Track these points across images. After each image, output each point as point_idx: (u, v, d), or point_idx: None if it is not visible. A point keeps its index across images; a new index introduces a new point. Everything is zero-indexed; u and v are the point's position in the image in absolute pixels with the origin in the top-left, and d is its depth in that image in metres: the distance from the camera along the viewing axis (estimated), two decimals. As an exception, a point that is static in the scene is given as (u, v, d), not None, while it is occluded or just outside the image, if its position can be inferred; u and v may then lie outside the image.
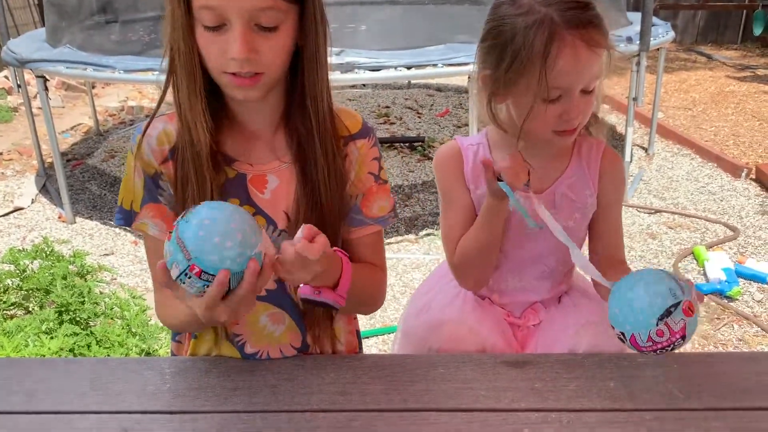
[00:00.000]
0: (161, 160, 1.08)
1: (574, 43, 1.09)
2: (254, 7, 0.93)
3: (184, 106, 1.02)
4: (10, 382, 1.06)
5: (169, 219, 1.09)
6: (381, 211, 1.16)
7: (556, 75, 1.10)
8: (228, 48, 0.94)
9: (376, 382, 1.05)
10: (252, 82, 0.98)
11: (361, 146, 1.13)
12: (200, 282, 0.86)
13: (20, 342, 2.18)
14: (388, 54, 3.44)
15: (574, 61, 1.09)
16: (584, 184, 1.28)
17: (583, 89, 1.13)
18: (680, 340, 0.95)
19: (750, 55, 8.16)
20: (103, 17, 4.44)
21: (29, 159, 5.00)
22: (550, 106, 1.13)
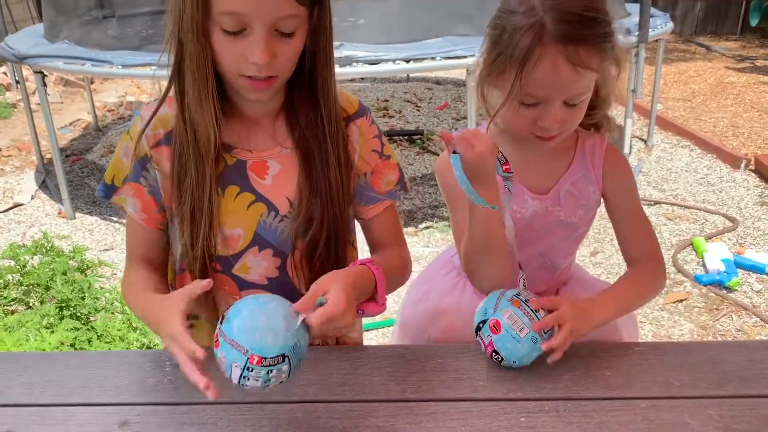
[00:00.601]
0: (153, 144, 1.09)
1: (555, 57, 1.05)
2: (278, 15, 0.95)
3: (193, 106, 1.03)
4: (11, 375, 1.07)
5: (147, 201, 1.12)
6: (389, 186, 1.18)
7: (532, 83, 1.08)
8: (248, 53, 0.96)
9: (375, 373, 1.06)
10: (267, 84, 1.00)
11: (361, 125, 1.15)
12: (264, 370, 0.86)
13: (21, 337, 2.19)
14: (387, 47, 3.44)
15: (552, 75, 1.07)
16: (588, 180, 1.28)
17: (565, 101, 1.10)
18: (495, 352, 1.05)
19: (749, 46, 8.15)
20: (101, 12, 4.43)
21: (28, 155, 5.00)
22: (526, 110, 1.12)
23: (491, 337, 1.04)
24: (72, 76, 6.55)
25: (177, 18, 0.98)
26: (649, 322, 2.73)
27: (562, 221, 1.28)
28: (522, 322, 1.03)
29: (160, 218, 1.12)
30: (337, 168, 1.10)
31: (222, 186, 1.09)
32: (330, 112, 1.09)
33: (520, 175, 1.26)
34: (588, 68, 1.07)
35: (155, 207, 1.12)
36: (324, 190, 1.09)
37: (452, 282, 1.42)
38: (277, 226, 1.11)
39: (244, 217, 1.10)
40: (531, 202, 1.26)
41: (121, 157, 1.12)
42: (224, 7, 0.94)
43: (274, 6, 0.94)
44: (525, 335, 1.02)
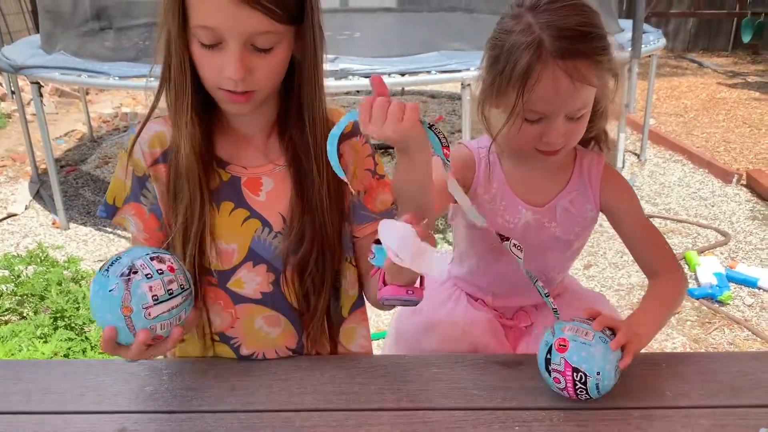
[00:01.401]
0: (151, 162, 1.10)
1: (555, 72, 1.07)
2: (252, 31, 0.95)
3: (174, 115, 1.05)
4: (9, 382, 1.08)
5: (147, 221, 1.12)
6: (384, 205, 1.17)
7: (534, 100, 1.10)
8: (224, 67, 0.96)
9: (371, 382, 1.07)
10: (245, 98, 1.01)
11: (355, 144, 1.15)
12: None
13: (14, 347, 2.18)
14: (382, 61, 3.47)
15: (553, 90, 1.09)
16: (585, 198, 1.29)
17: (567, 116, 1.12)
18: (575, 372, 0.97)
19: (741, 62, 8.23)
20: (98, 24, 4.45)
21: (23, 165, 5.00)
22: (530, 126, 1.14)
23: (563, 357, 0.97)
24: (68, 87, 6.56)
25: (162, 31, 1.00)
26: (642, 335, 2.74)
27: (558, 237, 1.30)
28: (584, 328, 0.99)
29: (162, 236, 1.12)
30: (329, 186, 1.09)
31: (217, 202, 1.09)
32: (317, 130, 1.07)
33: (517, 188, 1.28)
34: (587, 82, 1.09)
35: (156, 225, 1.12)
36: (316, 208, 1.09)
37: (447, 293, 1.44)
38: (271, 242, 1.11)
39: (239, 232, 1.11)
40: (524, 213, 1.27)
41: (120, 176, 1.12)
42: (199, 21, 0.95)
43: (247, 22, 0.93)
44: (593, 337, 0.98)
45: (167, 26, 0.98)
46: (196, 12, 0.95)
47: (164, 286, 0.93)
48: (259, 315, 1.14)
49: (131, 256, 0.94)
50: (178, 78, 1.01)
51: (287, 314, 1.15)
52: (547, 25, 1.08)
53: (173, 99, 1.03)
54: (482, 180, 1.28)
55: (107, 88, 5.26)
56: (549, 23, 1.08)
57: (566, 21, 1.08)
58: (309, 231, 1.09)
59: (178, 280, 0.95)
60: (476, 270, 1.39)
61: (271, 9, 0.93)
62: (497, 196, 1.28)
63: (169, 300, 0.93)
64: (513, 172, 1.28)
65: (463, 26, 4.28)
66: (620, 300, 3.01)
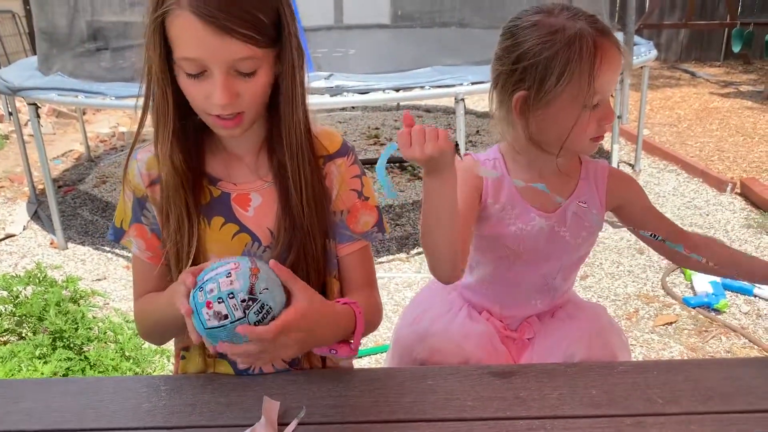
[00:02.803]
0: (148, 183, 1.14)
1: (611, 49, 1.17)
2: (233, 58, 0.97)
3: (156, 143, 1.09)
4: (10, 401, 1.09)
5: (149, 240, 1.16)
6: (366, 226, 1.19)
7: (600, 81, 1.17)
8: (210, 94, 0.99)
9: (366, 395, 1.08)
10: (234, 123, 1.04)
11: (341, 164, 1.17)
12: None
13: (14, 367, 2.19)
14: (377, 77, 3.50)
15: (614, 66, 1.18)
16: (592, 203, 1.33)
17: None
18: None
19: (733, 72, 8.30)
20: (94, 45, 4.49)
21: (20, 186, 5.02)
22: (591, 113, 1.19)
23: None
24: (65, 108, 6.59)
25: (145, 63, 1.03)
26: (639, 345, 2.76)
27: (567, 242, 1.33)
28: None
29: (164, 254, 1.15)
30: (310, 203, 1.11)
31: (208, 217, 1.13)
32: (296, 148, 1.09)
33: (530, 195, 1.31)
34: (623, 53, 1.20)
35: (157, 243, 1.16)
36: (300, 225, 1.11)
37: (448, 306, 1.45)
38: (261, 257, 1.14)
39: (230, 247, 1.14)
40: (537, 219, 1.31)
41: (126, 200, 1.16)
42: (181, 53, 0.98)
43: (227, 50, 0.96)
44: None
45: (149, 59, 1.01)
46: (178, 45, 0.98)
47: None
48: None
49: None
50: (161, 108, 1.04)
51: None
52: (576, 18, 1.18)
53: (155, 126, 1.07)
54: (491, 191, 1.31)
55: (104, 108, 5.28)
56: (575, 16, 1.18)
57: (580, 11, 1.20)
58: (295, 246, 1.12)
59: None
60: (487, 279, 1.41)
61: (249, 35, 0.96)
62: (508, 204, 1.31)
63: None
64: (524, 179, 1.31)
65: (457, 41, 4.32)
66: (617, 310, 3.02)
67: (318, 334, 1.03)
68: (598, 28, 1.17)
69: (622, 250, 3.61)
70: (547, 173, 1.30)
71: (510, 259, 1.34)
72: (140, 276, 1.19)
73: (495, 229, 1.32)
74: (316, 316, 1.01)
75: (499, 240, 1.33)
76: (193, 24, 0.94)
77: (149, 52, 1.00)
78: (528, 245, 1.32)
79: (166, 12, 0.96)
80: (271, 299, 0.96)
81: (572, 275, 1.45)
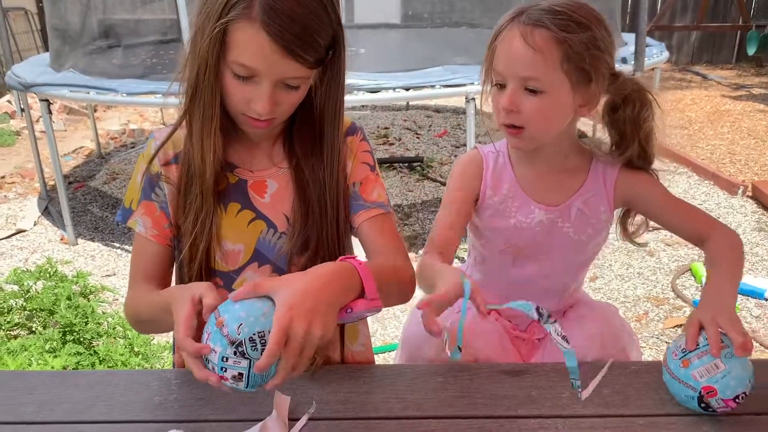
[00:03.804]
0: (164, 162, 1.16)
1: (513, 33, 1.17)
2: (286, 76, 1.01)
3: (196, 136, 1.09)
4: (22, 393, 1.09)
5: (157, 218, 1.16)
6: (379, 198, 1.18)
7: (495, 57, 1.20)
8: (253, 99, 1.02)
9: (377, 391, 1.08)
10: (266, 125, 1.07)
11: (351, 141, 1.19)
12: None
13: (24, 361, 2.20)
14: (387, 76, 3.50)
15: (507, 48, 1.18)
16: (600, 200, 1.32)
17: (526, 86, 1.17)
18: (736, 398, 0.97)
19: (745, 75, 8.25)
20: (106, 42, 4.51)
21: (31, 182, 5.04)
22: (497, 93, 1.22)
23: (720, 398, 0.96)
24: (76, 104, 6.63)
25: (195, 57, 1.03)
26: (649, 347, 2.74)
27: (571, 238, 1.32)
28: (710, 363, 0.97)
29: (170, 234, 1.16)
30: (333, 188, 1.13)
31: (224, 203, 1.14)
32: (333, 160, 1.13)
33: (529, 188, 1.32)
34: (537, 49, 1.15)
35: (165, 222, 1.16)
36: (318, 212, 1.13)
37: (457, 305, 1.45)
38: (276, 243, 1.16)
39: (245, 233, 1.16)
40: (537, 212, 1.31)
41: (138, 179, 1.17)
42: (238, 58, 0.99)
43: (284, 69, 0.99)
44: (725, 365, 0.96)
45: (203, 56, 1.01)
46: (237, 49, 0.99)
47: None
48: None
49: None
50: (208, 105, 1.06)
51: None
52: (534, 6, 1.18)
53: (200, 123, 1.08)
54: (490, 182, 1.33)
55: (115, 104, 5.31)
56: (536, 5, 1.18)
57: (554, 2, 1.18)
58: (314, 234, 1.12)
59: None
60: (490, 274, 1.41)
61: (307, 59, 0.99)
62: (508, 196, 1.32)
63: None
64: (525, 174, 1.33)
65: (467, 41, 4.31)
66: (626, 312, 3.01)
67: (325, 301, 0.90)
68: (527, 13, 1.17)
69: (632, 252, 3.59)
70: (554, 167, 1.31)
71: (512, 253, 1.35)
72: (140, 256, 1.17)
73: (494, 222, 1.33)
74: (306, 292, 0.89)
75: (499, 232, 1.34)
76: (261, 38, 0.96)
77: (204, 50, 1.01)
78: (527, 238, 1.32)
79: (234, 18, 0.97)
80: (251, 327, 0.86)
81: (580, 275, 1.44)
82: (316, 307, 0.88)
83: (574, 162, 1.32)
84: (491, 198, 1.32)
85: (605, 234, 1.37)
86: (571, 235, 1.32)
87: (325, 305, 0.89)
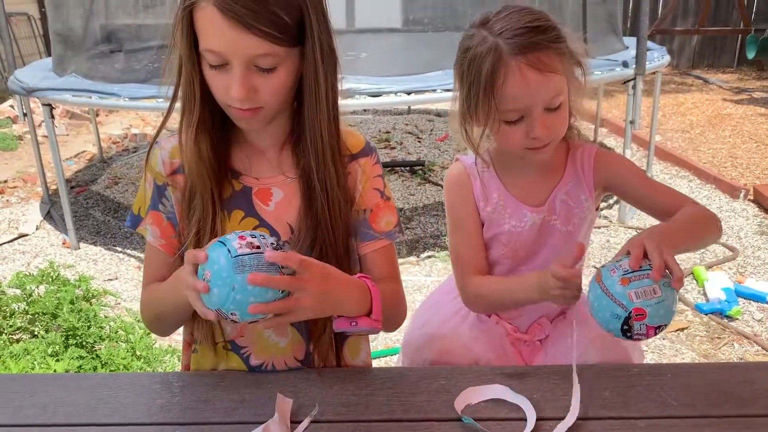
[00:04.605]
0: (170, 172, 1.16)
1: (519, 68, 1.14)
2: (253, 53, 1.00)
3: (184, 133, 1.10)
4: (24, 396, 1.09)
5: (165, 228, 1.17)
6: (388, 226, 1.20)
7: (507, 100, 1.16)
8: (229, 87, 1.02)
9: (379, 393, 1.08)
10: (252, 114, 1.06)
11: (364, 164, 1.19)
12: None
13: (26, 365, 2.20)
14: (388, 80, 3.50)
15: (523, 85, 1.14)
16: (580, 189, 1.33)
17: (546, 107, 1.17)
18: (657, 329, 1.00)
19: (746, 78, 8.25)
20: (108, 46, 4.52)
21: (33, 186, 5.05)
22: (512, 127, 1.19)
23: (645, 324, 0.99)
24: (78, 109, 6.64)
25: (173, 53, 1.06)
26: (651, 351, 2.74)
27: (559, 230, 1.33)
28: (648, 286, 0.99)
29: (177, 244, 1.17)
30: (334, 202, 1.13)
31: (228, 210, 1.14)
32: (321, 148, 1.11)
33: (517, 192, 1.32)
34: (552, 70, 1.15)
35: (172, 232, 1.17)
36: (323, 223, 1.12)
37: (456, 308, 1.45)
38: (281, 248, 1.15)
39: None
40: (529, 216, 1.32)
41: (146, 188, 1.18)
42: (205, 45, 1.01)
43: (246, 46, 0.99)
44: (661, 292, 0.98)
45: (179, 47, 1.04)
46: (203, 36, 1.01)
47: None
48: None
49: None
50: (187, 96, 1.07)
51: (294, 324, 1.18)
52: (500, 31, 1.16)
53: (181, 116, 1.09)
54: (480, 194, 1.33)
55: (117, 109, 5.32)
56: (501, 29, 1.16)
57: (516, 22, 1.16)
58: (317, 244, 1.12)
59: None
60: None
61: (269, 33, 0.98)
62: (499, 204, 1.33)
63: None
64: (509, 178, 1.34)
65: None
66: (628, 315, 3.00)
67: (333, 296, 1.03)
68: (514, 44, 1.14)
69: (634, 255, 3.59)
70: (533, 166, 1.32)
71: (508, 256, 1.35)
72: (151, 265, 1.20)
73: (490, 230, 1.34)
74: (330, 276, 1.02)
75: (495, 239, 1.35)
76: (216, 18, 0.97)
77: (177, 41, 1.03)
78: (523, 240, 1.33)
79: (194, 3, 0.99)
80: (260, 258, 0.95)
81: None
82: (329, 292, 1.01)
83: (553, 157, 1.32)
84: (484, 209, 1.33)
85: (591, 218, 1.37)
86: (559, 228, 1.33)
87: (334, 299, 1.03)
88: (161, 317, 1.19)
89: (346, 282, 1.07)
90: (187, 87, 1.06)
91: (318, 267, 0.99)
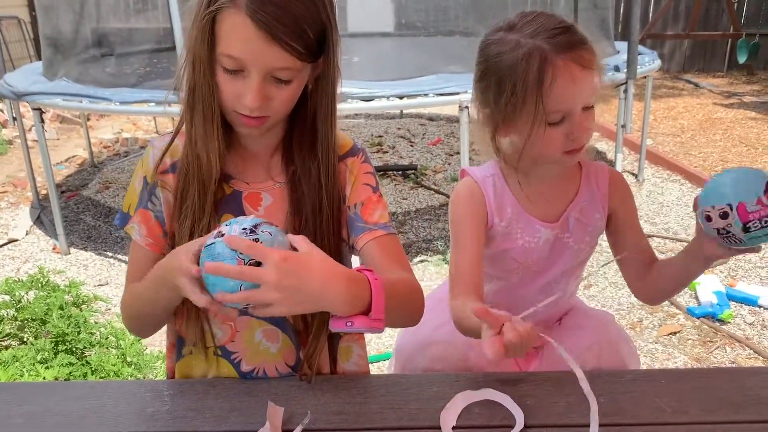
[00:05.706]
0: (161, 171, 1.15)
1: (567, 66, 1.13)
2: (274, 66, 1.00)
3: (198, 136, 1.09)
4: (12, 405, 1.08)
5: (152, 227, 1.16)
6: (382, 218, 1.17)
7: (555, 100, 1.14)
8: (243, 93, 1.01)
9: (372, 401, 1.07)
10: (258, 123, 1.06)
11: (352, 163, 1.19)
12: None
13: (15, 372, 2.18)
14: (381, 84, 3.51)
15: (570, 84, 1.13)
16: (594, 207, 1.32)
17: (584, 106, 1.17)
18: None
19: (736, 83, 8.30)
20: (99, 50, 4.50)
21: (23, 191, 5.02)
22: (554, 129, 1.17)
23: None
24: (69, 113, 6.61)
25: (190, 55, 1.04)
26: (644, 355, 2.74)
27: (571, 247, 1.32)
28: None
29: (164, 243, 1.16)
30: (329, 206, 1.13)
31: (218, 214, 1.13)
32: (327, 161, 1.13)
33: (530, 207, 1.30)
34: (594, 66, 1.15)
35: (160, 232, 1.16)
36: (312, 227, 1.12)
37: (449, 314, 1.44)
38: None
39: None
40: (542, 231, 1.30)
41: (136, 186, 1.17)
42: (226, 49, 1.00)
43: (270, 57, 0.99)
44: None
45: (196, 51, 1.02)
46: (224, 40, 1.00)
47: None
48: (258, 328, 1.17)
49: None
50: (207, 101, 1.05)
51: (285, 329, 1.17)
52: (534, 33, 1.14)
53: (201, 121, 1.07)
54: (494, 208, 1.29)
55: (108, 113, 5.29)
56: (536, 32, 1.14)
57: (548, 24, 1.15)
58: None
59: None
60: (497, 292, 1.39)
61: (295, 47, 0.98)
62: (513, 219, 1.30)
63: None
64: (523, 192, 1.31)
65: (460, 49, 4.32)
66: (621, 319, 3.01)
67: (308, 291, 0.90)
68: (557, 43, 1.13)
69: (626, 259, 3.59)
70: (547, 180, 1.30)
71: (518, 271, 1.34)
72: (136, 262, 1.17)
73: (503, 245, 1.32)
74: (308, 270, 0.90)
75: (508, 254, 1.32)
76: (246, 26, 0.96)
77: (197, 44, 1.02)
78: (535, 257, 1.31)
79: (221, 8, 0.98)
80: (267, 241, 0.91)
81: (574, 278, 1.44)
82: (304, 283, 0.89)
83: (565, 171, 1.31)
84: (498, 224, 1.30)
85: (598, 236, 1.37)
86: (571, 246, 1.32)
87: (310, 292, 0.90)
88: (141, 315, 1.17)
89: (333, 276, 0.92)
90: (207, 91, 1.05)
91: (281, 261, 0.87)
